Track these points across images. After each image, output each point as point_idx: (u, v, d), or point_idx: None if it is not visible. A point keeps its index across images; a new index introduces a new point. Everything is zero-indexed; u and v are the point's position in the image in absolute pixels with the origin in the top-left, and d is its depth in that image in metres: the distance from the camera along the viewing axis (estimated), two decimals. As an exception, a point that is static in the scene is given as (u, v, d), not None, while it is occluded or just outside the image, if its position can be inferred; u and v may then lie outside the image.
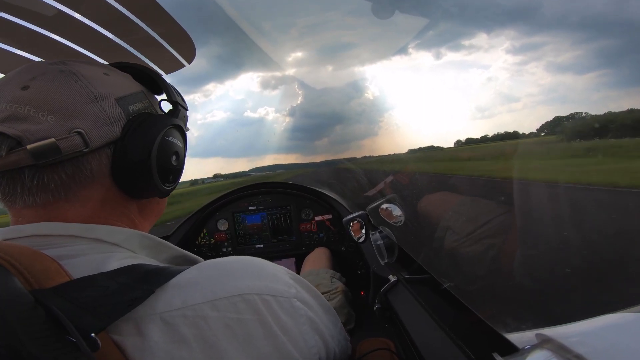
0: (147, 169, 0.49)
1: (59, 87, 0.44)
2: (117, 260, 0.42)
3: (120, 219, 0.50)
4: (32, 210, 0.44)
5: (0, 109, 0.41)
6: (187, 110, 0.60)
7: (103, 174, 0.47)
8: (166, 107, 0.59)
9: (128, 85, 0.52)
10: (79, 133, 0.43)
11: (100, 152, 0.46)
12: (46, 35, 0.83)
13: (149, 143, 0.49)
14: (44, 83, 0.44)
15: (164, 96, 0.58)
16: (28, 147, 0.40)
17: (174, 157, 0.53)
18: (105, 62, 0.58)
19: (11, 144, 0.40)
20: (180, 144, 0.55)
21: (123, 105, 0.49)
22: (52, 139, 0.41)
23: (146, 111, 0.53)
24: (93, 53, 0.94)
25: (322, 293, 0.72)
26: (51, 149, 0.41)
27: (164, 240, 0.53)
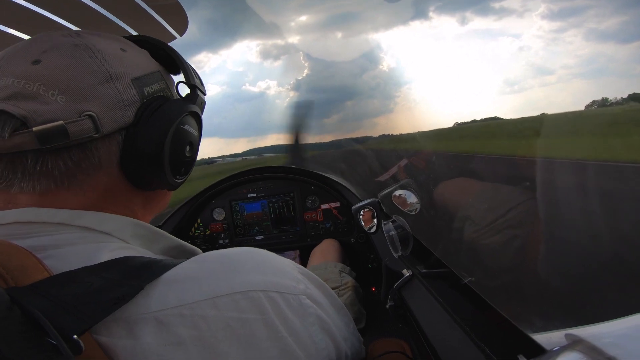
0: (159, 159, 0.49)
1: (72, 63, 0.44)
2: (109, 251, 0.42)
3: (121, 210, 0.51)
4: (27, 196, 0.44)
5: (6, 84, 0.41)
6: (205, 95, 0.60)
7: (111, 162, 0.47)
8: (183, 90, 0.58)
9: (145, 64, 0.52)
10: (90, 117, 0.43)
11: (111, 138, 0.46)
12: (25, 7, 0.83)
13: (164, 131, 0.49)
14: (57, 58, 0.43)
15: (180, 77, 0.57)
16: (34, 129, 0.40)
17: (187, 148, 0.54)
18: None
19: (15, 125, 0.40)
20: (195, 133, 0.55)
21: (138, 87, 0.49)
22: (61, 122, 0.41)
23: (161, 94, 0.53)
24: (75, 25, 0.94)
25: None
26: (59, 133, 0.41)
27: (159, 230, 0.53)
